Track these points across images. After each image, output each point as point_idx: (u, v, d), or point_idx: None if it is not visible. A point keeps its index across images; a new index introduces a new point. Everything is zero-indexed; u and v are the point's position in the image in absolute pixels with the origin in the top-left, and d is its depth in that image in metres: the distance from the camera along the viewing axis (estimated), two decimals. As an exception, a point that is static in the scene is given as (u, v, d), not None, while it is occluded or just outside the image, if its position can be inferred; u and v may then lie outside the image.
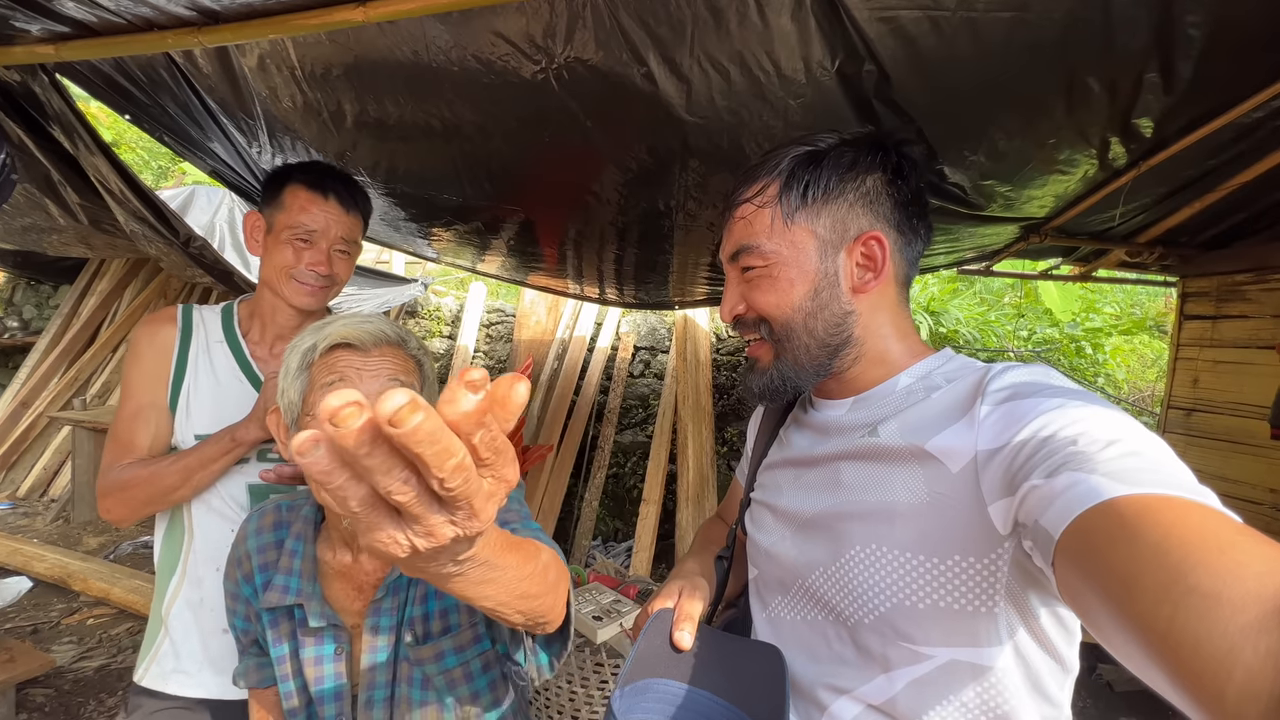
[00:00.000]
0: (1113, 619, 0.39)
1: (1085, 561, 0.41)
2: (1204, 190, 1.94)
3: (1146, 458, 0.45)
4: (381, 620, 0.84)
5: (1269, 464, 2.52)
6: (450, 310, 4.91)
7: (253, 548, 0.88)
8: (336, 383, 0.77)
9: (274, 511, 0.90)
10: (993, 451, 0.54)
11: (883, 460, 0.63)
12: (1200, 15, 1.00)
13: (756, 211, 0.70)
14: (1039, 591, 0.54)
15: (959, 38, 1.03)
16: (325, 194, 1.14)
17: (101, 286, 5.21)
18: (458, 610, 0.88)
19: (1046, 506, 0.45)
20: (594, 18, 1.04)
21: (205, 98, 1.47)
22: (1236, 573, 0.33)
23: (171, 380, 1.13)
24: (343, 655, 0.83)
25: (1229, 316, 2.76)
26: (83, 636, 2.93)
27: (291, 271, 1.14)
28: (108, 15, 1.09)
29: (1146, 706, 2.55)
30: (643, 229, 2.00)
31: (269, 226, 1.16)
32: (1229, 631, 0.32)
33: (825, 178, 0.68)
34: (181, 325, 1.15)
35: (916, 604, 0.58)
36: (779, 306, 0.69)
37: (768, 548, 0.75)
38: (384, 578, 0.85)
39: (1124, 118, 1.31)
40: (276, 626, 0.85)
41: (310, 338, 0.80)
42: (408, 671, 0.85)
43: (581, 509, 3.90)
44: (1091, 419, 0.49)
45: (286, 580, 0.83)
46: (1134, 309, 6.67)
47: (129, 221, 1.75)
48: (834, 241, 0.69)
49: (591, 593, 2.06)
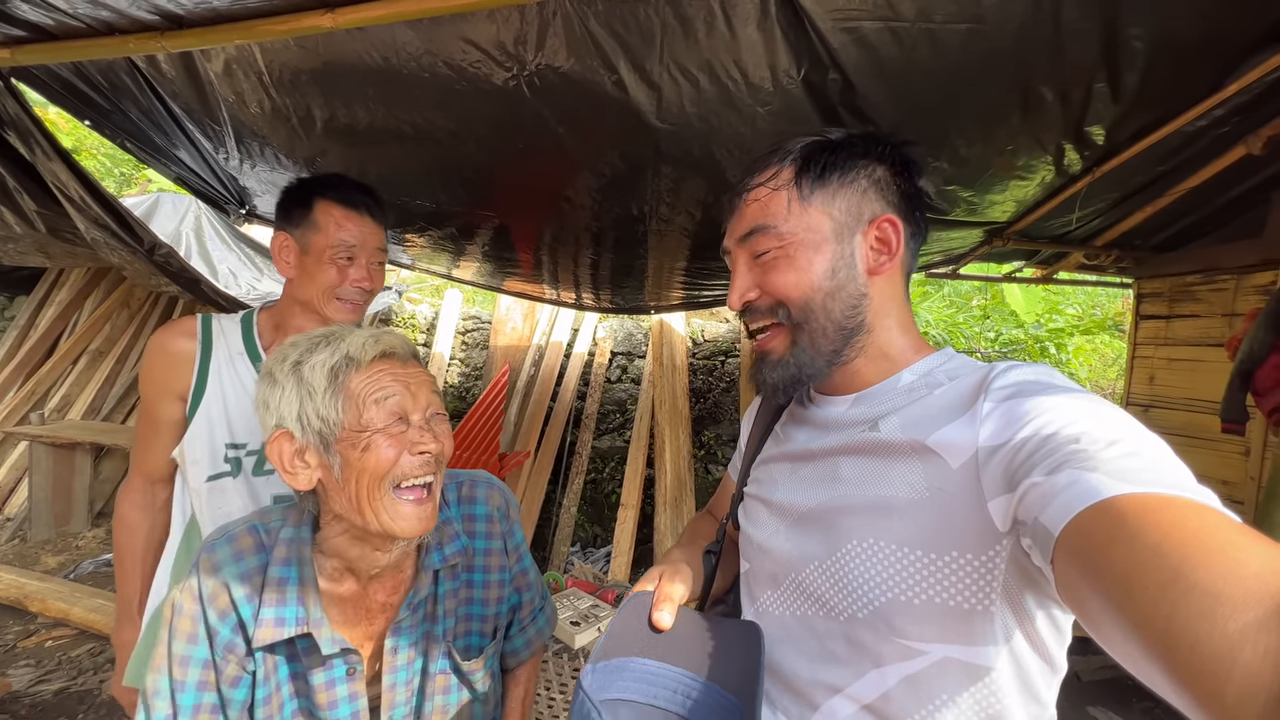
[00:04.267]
0: (1111, 617, 0.38)
1: (1084, 559, 0.41)
2: (1155, 195, 2.03)
3: (1147, 458, 0.45)
4: (402, 640, 0.81)
5: (1221, 457, 2.62)
6: (425, 318, 4.86)
7: (230, 577, 0.76)
8: (394, 396, 0.74)
9: (250, 534, 0.79)
10: (994, 448, 0.54)
11: (883, 455, 0.63)
12: (1143, 28, 1.06)
13: (771, 194, 0.70)
14: (1035, 592, 0.54)
15: (919, 48, 1.07)
16: (359, 209, 1.13)
17: (60, 297, 5.03)
18: (483, 619, 0.90)
19: (1046, 504, 0.45)
20: (564, 25, 1.05)
21: (169, 103, 1.45)
22: (1237, 572, 0.33)
23: (191, 393, 1.11)
24: (355, 675, 0.80)
25: (1181, 316, 2.87)
26: (41, 659, 2.81)
27: (337, 291, 1.12)
28: (65, 19, 1.07)
29: (1113, 696, 2.62)
30: (617, 234, 2.01)
31: (304, 248, 1.13)
32: (1228, 630, 0.32)
33: (841, 162, 0.69)
34: (201, 337, 1.13)
35: (912, 599, 0.57)
36: (798, 286, 0.69)
37: (761, 541, 0.75)
38: (399, 599, 0.83)
39: (1077, 125, 1.37)
40: (264, 663, 0.77)
41: (330, 353, 0.75)
42: (444, 683, 0.84)
43: (560, 515, 3.88)
44: (1094, 418, 0.49)
45: (280, 612, 0.75)
46: (1094, 310, 6.88)
47: (89, 229, 1.70)
48: (849, 224, 0.69)
49: (570, 598, 2.05)
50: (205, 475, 1.10)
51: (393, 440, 0.73)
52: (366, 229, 1.14)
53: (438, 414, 0.80)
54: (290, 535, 0.79)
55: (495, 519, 0.92)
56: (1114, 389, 5.60)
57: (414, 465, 0.74)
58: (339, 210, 1.11)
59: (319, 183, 1.14)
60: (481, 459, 3.20)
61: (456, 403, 4.47)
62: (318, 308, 1.13)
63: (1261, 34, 1.16)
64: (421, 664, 0.83)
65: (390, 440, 0.73)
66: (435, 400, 0.80)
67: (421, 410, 0.77)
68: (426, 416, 0.77)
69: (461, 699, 0.86)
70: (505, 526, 0.94)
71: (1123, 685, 2.63)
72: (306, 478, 0.75)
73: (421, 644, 0.83)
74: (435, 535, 0.85)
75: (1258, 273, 2.52)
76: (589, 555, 3.89)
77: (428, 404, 0.78)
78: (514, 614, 0.97)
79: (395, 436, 0.74)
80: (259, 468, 1.12)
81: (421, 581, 0.83)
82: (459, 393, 4.57)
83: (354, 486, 0.73)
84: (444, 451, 0.78)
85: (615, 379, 4.53)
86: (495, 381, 3.52)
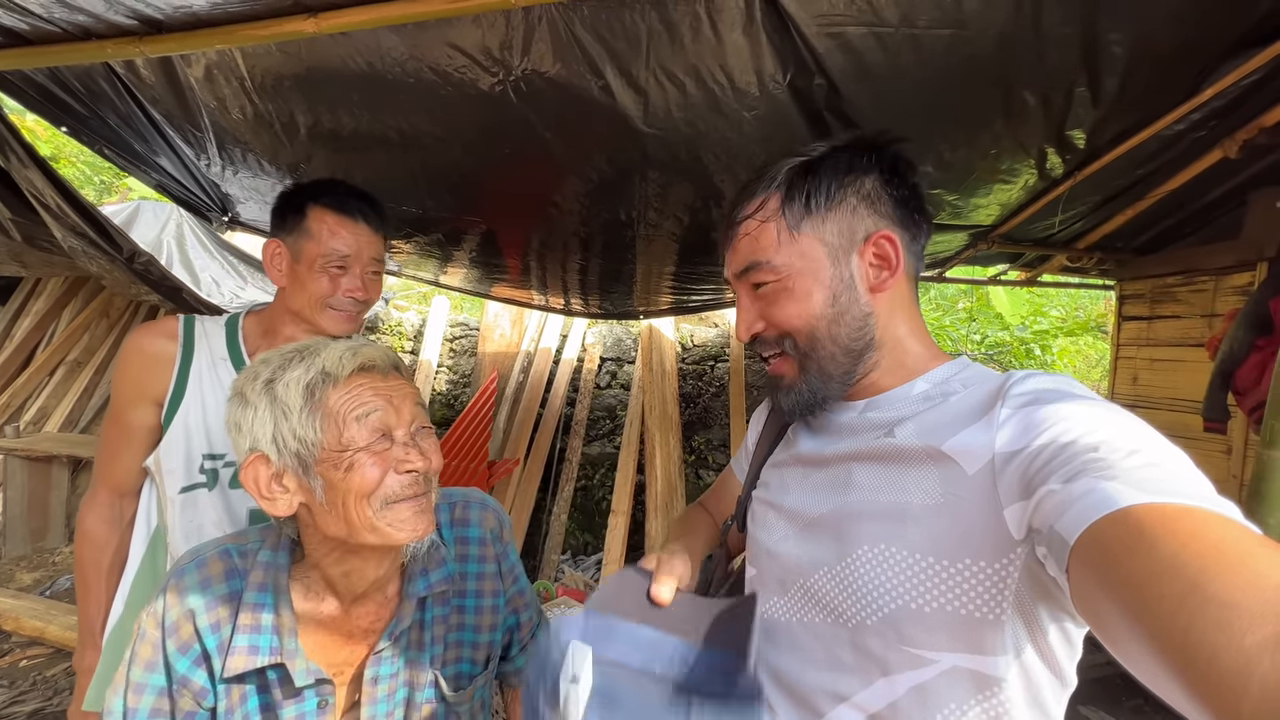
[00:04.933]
0: (1127, 628, 0.38)
1: (1100, 569, 0.40)
2: (1135, 198, 2.07)
3: (1167, 468, 0.44)
4: (383, 669, 0.78)
5: (1203, 455, 2.66)
6: (412, 325, 4.82)
7: (197, 606, 0.72)
8: (376, 412, 0.71)
9: (221, 559, 0.76)
10: (1011, 454, 0.53)
11: (898, 461, 0.62)
12: (1121, 33, 1.07)
13: (761, 227, 0.69)
14: (1048, 603, 0.53)
15: (903, 53, 1.08)
16: (354, 217, 1.09)
17: (37, 307, 4.93)
18: (475, 646, 0.87)
19: (1063, 512, 0.44)
20: (550, 31, 1.05)
21: (149, 109, 1.42)
22: (1256, 584, 0.33)
23: (169, 398, 1.06)
24: (326, 708, 0.75)
25: (1163, 317, 2.92)
26: (15, 679, 2.74)
27: (329, 301, 1.08)
28: (40, 24, 1.05)
29: (1104, 694, 2.64)
30: (605, 239, 2.01)
31: (295, 255, 1.09)
32: (1246, 644, 0.31)
33: (825, 184, 0.68)
34: (183, 340, 1.08)
35: (923, 607, 0.56)
36: (800, 317, 0.68)
37: (770, 546, 0.74)
38: (381, 626, 0.80)
39: (1058, 130, 1.39)
40: (228, 695, 0.74)
41: (305, 369, 0.71)
42: (429, 712, 0.81)
43: (550, 523, 3.85)
44: (1113, 427, 0.49)
45: (253, 639, 0.72)
46: (1078, 312, 6.99)
47: (67, 237, 1.67)
48: (844, 246, 0.68)
49: (560, 607, 2.03)
50: (179, 486, 1.05)
51: (377, 459, 0.70)
52: (362, 237, 1.10)
53: (424, 428, 0.76)
54: (267, 559, 0.76)
55: (489, 542, 0.90)
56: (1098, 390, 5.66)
57: (401, 485, 0.71)
58: (333, 217, 1.08)
59: (314, 188, 1.11)
60: (470, 467, 3.17)
61: (445, 410, 4.43)
62: (309, 317, 1.09)
63: (1237, 39, 1.18)
64: (406, 694, 0.80)
65: (374, 459, 0.70)
66: (420, 414, 0.76)
67: (406, 425, 0.73)
68: (411, 431, 0.74)
69: None
70: (499, 549, 0.91)
71: (1113, 684, 2.65)
72: (286, 503, 0.71)
73: (405, 673, 0.80)
74: (420, 562, 0.82)
75: (1236, 274, 2.56)
76: (580, 563, 3.86)
77: (412, 418, 0.74)
78: (513, 634, 0.96)
79: (379, 455, 0.70)
80: (235, 481, 1.07)
81: (405, 610, 0.79)
82: (447, 400, 4.53)
83: (342, 508, 0.70)
84: (432, 468, 0.75)
85: (605, 385, 4.52)
86: (484, 388, 3.49)
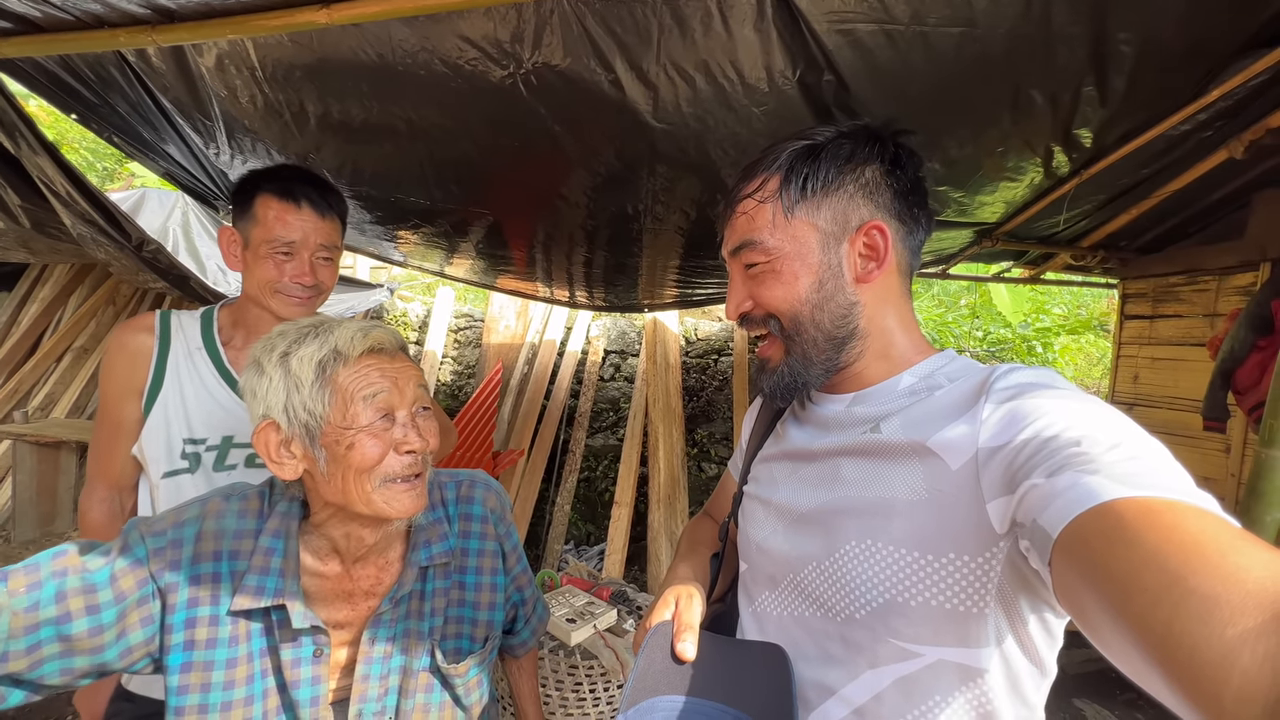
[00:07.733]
0: (1109, 620, 0.38)
1: (1083, 562, 0.41)
2: (1139, 197, 2.07)
3: (1148, 462, 0.44)
4: (381, 631, 0.81)
5: (1203, 454, 2.67)
6: (417, 316, 4.83)
7: (230, 529, 0.77)
8: (382, 393, 0.75)
9: (257, 498, 0.81)
10: (994, 449, 0.54)
11: (884, 456, 0.63)
12: (1130, 33, 1.08)
13: (758, 207, 0.70)
14: (1029, 596, 0.54)
15: (912, 50, 1.08)
16: (298, 202, 1.09)
17: (44, 293, 4.95)
18: (474, 623, 0.89)
19: (1045, 505, 0.45)
20: (561, 24, 1.05)
21: (159, 97, 1.43)
22: (1237, 576, 0.33)
23: (148, 388, 1.09)
24: (321, 658, 0.78)
25: (1165, 316, 2.92)
26: (25, 661, 2.79)
27: (276, 286, 1.10)
28: (53, 11, 1.06)
29: (1097, 688, 2.67)
30: (611, 232, 2.01)
31: (245, 241, 1.11)
32: (1227, 635, 0.32)
33: (824, 170, 0.68)
34: (159, 332, 1.11)
35: (909, 601, 0.57)
36: (785, 300, 0.69)
37: (760, 541, 0.75)
38: (383, 590, 0.82)
39: (1065, 128, 1.39)
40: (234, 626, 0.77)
41: (318, 346, 0.74)
42: (426, 681, 0.83)
43: (553, 513, 3.87)
44: (1096, 422, 0.49)
45: (261, 581, 0.76)
46: (1080, 310, 6.98)
47: (76, 224, 1.68)
48: (835, 233, 0.69)
49: (565, 595, 2.06)
50: (162, 471, 1.08)
51: (378, 439, 0.74)
52: (308, 223, 1.10)
53: (424, 408, 0.80)
54: (284, 509, 0.80)
55: (490, 521, 0.93)
56: (1099, 388, 5.67)
57: (400, 465, 0.75)
58: (277, 203, 1.08)
59: (261, 175, 1.12)
60: (475, 457, 3.19)
61: (449, 401, 4.45)
62: (261, 301, 1.11)
63: (1244, 40, 1.18)
64: (402, 661, 0.83)
65: (375, 439, 0.74)
66: (422, 394, 0.80)
67: (408, 406, 0.77)
68: (413, 412, 0.78)
69: (444, 700, 0.85)
70: (501, 529, 0.94)
71: (1107, 678, 2.68)
72: (292, 468, 0.75)
73: (403, 640, 0.82)
74: (424, 533, 0.85)
75: (1238, 274, 2.57)
76: (583, 553, 3.89)
77: (414, 399, 0.78)
78: (518, 609, 1.00)
79: (380, 435, 0.74)
80: (220, 463, 1.10)
81: (406, 577, 0.83)
82: (452, 391, 4.55)
83: (341, 480, 0.74)
84: (429, 448, 0.78)
85: (609, 377, 4.53)
86: (489, 379, 3.50)
